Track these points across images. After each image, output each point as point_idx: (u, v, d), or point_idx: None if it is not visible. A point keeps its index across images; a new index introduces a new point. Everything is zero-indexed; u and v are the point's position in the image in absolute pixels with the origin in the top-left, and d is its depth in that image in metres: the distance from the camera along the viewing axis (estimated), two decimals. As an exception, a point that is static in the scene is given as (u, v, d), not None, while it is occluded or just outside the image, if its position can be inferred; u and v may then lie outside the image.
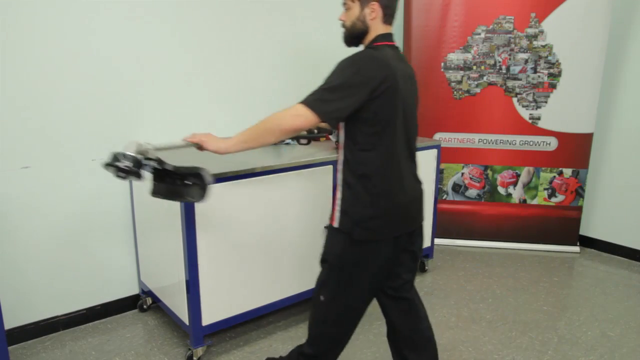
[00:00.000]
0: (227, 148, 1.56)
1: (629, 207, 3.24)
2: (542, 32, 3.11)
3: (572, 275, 3.03)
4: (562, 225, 3.36)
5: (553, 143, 3.25)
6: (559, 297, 2.73)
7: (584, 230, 3.48)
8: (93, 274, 2.36)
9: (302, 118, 1.42)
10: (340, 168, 1.61)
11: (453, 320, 2.45)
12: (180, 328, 2.32)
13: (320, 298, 1.71)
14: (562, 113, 3.19)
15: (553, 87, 3.17)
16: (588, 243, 3.47)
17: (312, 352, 1.82)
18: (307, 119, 1.43)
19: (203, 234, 1.96)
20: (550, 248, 3.39)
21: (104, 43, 2.23)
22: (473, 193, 3.42)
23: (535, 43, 3.13)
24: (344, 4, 1.64)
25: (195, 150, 1.66)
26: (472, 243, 3.46)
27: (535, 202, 3.36)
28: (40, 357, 2.12)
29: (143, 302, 2.50)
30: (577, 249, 3.38)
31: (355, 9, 1.60)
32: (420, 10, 3.21)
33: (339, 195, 1.61)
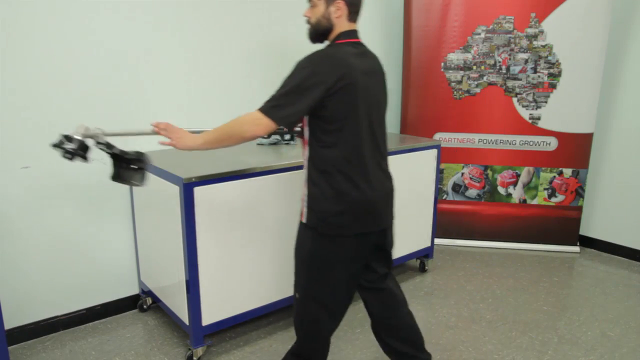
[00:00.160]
0: (192, 147, 1.64)
1: (629, 207, 3.24)
2: (542, 32, 3.11)
3: (572, 275, 3.03)
4: (562, 225, 3.36)
5: (553, 143, 3.25)
6: (559, 297, 2.73)
7: (584, 230, 3.48)
8: (93, 274, 2.36)
9: (260, 126, 1.49)
10: (306, 164, 1.64)
11: (453, 320, 2.45)
12: (180, 328, 2.32)
13: (296, 295, 1.75)
14: (562, 113, 3.19)
15: (553, 87, 3.17)
16: (588, 243, 3.47)
17: (298, 350, 1.86)
18: (265, 127, 1.49)
19: (203, 234, 1.96)
20: (550, 248, 3.39)
21: (104, 43, 2.23)
22: (473, 193, 3.42)
23: (535, 43, 3.13)
24: (309, 1, 1.65)
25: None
26: (472, 243, 3.46)
27: (535, 202, 3.36)
28: (40, 357, 2.12)
29: (143, 302, 2.50)
30: (577, 249, 3.38)
31: (321, 7, 1.61)
32: (420, 10, 3.21)
33: (305, 191, 1.64)
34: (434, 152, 2.83)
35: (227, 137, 1.57)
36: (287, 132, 2.53)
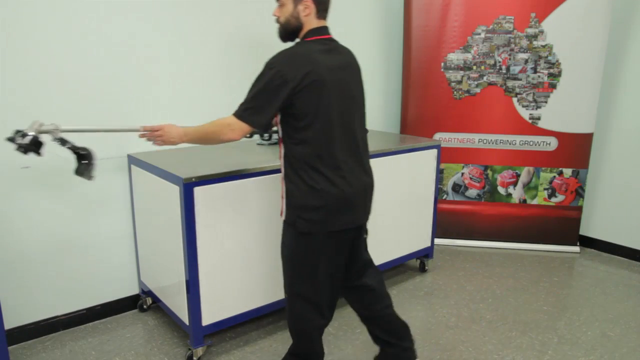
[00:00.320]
0: (176, 143, 1.75)
1: (629, 207, 3.24)
2: (542, 32, 3.11)
3: (572, 275, 3.03)
4: (562, 225, 3.36)
5: (553, 143, 3.25)
6: (559, 297, 2.73)
7: (584, 230, 3.48)
8: (93, 274, 2.36)
9: (235, 131, 1.57)
10: (282, 162, 1.67)
11: (453, 320, 2.45)
12: (180, 328, 2.32)
13: (285, 295, 1.78)
14: (562, 113, 3.19)
15: (553, 87, 3.17)
16: (588, 243, 3.47)
17: (295, 350, 1.89)
18: (239, 131, 1.57)
19: (203, 234, 1.96)
20: (550, 248, 3.39)
21: (104, 43, 2.23)
22: (473, 193, 3.42)
23: (535, 43, 3.13)
24: (277, 0, 1.68)
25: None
26: (472, 243, 3.46)
27: (535, 202, 3.36)
28: (40, 357, 2.12)
29: (143, 302, 2.50)
30: (577, 249, 3.38)
31: (289, 6, 1.64)
32: (420, 10, 3.21)
33: (284, 188, 1.67)
34: (434, 152, 2.83)
35: (206, 139, 1.67)
36: (262, 132, 2.53)
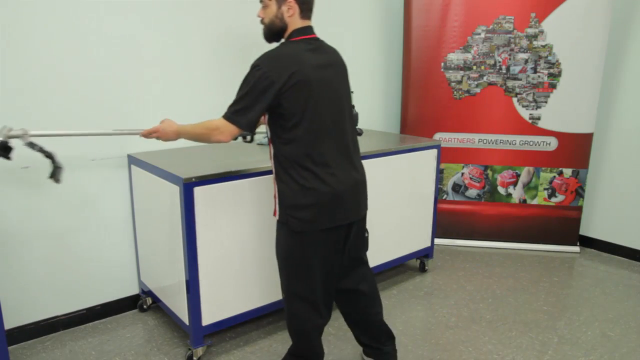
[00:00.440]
0: (173, 140, 1.83)
1: (629, 207, 3.24)
2: (542, 32, 3.11)
3: (572, 275, 3.03)
4: (562, 225, 3.36)
5: (553, 143, 3.25)
6: (559, 297, 2.73)
7: (584, 230, 3.48)
8: (93, 274, 2.36)
9: (224, 134, 1.60)
10: (272, 162, 1.69)
11: (453, 320, 2.45)
12: (180, 328, 2.32)
13: (283, 295, 1.80)
14: (562, 113, 3.19)
15: (553, 87, 3.17)
16: (588, 243, 3.47)
17: (295, 350, 1.90)
18: (228, 133, 1.60)
19: (203, 234, 1.96)
20: (550, 248, 3.38)
21: (103, 44, 2.23)
22: (473, 193, 3.42)
23: (535, 43, 3.13)
24: (261, 1, 1.69)
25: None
26: (472, 243, 3.46)
27: (535, 202, 3.36)
28: (40, 357, 2.12)
29: (143, 302, 2.50)
30: (577, 249, 3.38)
31: (273, 7, 1.65)
32: (420, 10, 3.21)
33: (275, 188, 1.69)
34: (434, 152, 2.83)
35: (197, 139, 1.72)
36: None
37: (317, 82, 1.58)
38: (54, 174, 1.81)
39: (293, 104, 1.56)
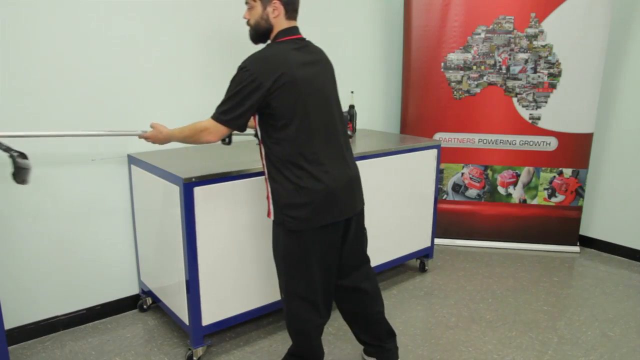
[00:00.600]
0: (165, 143, 1.88)
1: (629, 207, 3.24)
2: (542, 32, 3.11)
3: (572, 275, 3.03)
4: (562, 225, 3.36)
5: (553, 143, 3.25)
6: (559, 297, 2.73)
7: (584, 230, 3.48)
8: (93, 274, 2.36)
9: (212, 134, 1.62)
10: (263, 162, 1.70)
11: (453, 320, 2.45)
12: (180, 328, 2.32)
13: (282, 296, 1.80)
14: (562, 113, 3.19)
15: (553, 87, 3.17)
16: (588, 243, 3.47)
17: (294, 350, 1.91)
18: (217, 133, 1.62)
19: (203, 234, 1.96)
20: (550, 248, 3.39)
21: (103, 44, 2.23)
22: (473, 193, 3.42)
23: (535, 43, 3.13)
24: (247, 3, 1.70)
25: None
26: (472, 243, 3.46)
27: (535, 202, 3.36)
28: (40, 357, 2.12)
29: (143, 302, 2.50)
30: (577, 249, 3.38)
31: (258, 8, 1.66)
32: (420, 10, 3.21)
33: (268, 188, 1.70)
34: (434, 152, 2.83)
35: (187, 141, 1.74)
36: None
37: (304, 80, 1.60)
38: (17, 175, 1.68)
39: (282, 104, 1.57)
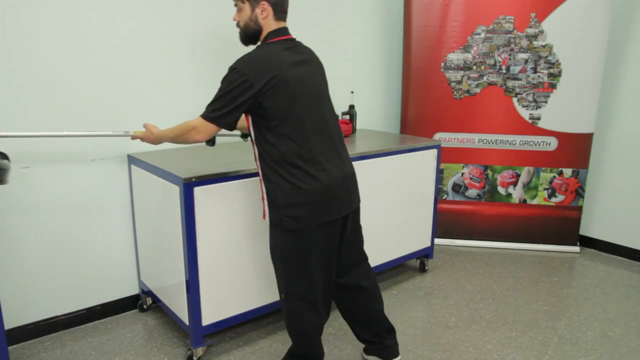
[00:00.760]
0: (155, 142, 1.89)
1: (629, 207, 3.24)
2: (542, 32, 3.11)
3: (572, 275, 3.03)
4: (562, 225, 3.36)
5: (553, 143, 3.25)
6: (559, 297, 2.73)
7: (584, 230, 3.48)
8: (93, 274, 2.36)
9: (201, 133, 1.63)
10: (258, 163, 1.70)
11: (453, 320, 2.45)
12: (180, 328, 2.32)
13: (281, 296, 1.80)
14: (562, 113, 3.19)
15: (553, 87, 3.17)
16: (588, 243, 3.47)
17: (294, 351, 1.91)
18: (205, 132, 1.63)
19: (203, 234, 1.96)
20: (550, 248, 3.39)
21: (103, 44, 2.23)
22: (473, 193, 3.42)
23: (535, 43, 3.13)
24: (236, 5, 1.71)
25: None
26: (472, 243, 3.46)
27: (535, 202, 3.36)
28: (40, 357, 2.12)
29: (143, 302, 2.50)
30: (577, 249, 3.38)
31: (247, 10, 1.67)
32: (420, 10, 3.21)
33: (263, 189, 1.70)
34: (434, 152, 2.83)
35: (176, 141, 1.74)
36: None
37: (295, 79, 1.60)
38: (5, 177, 1.65)
39: (275, 104, 1.57)
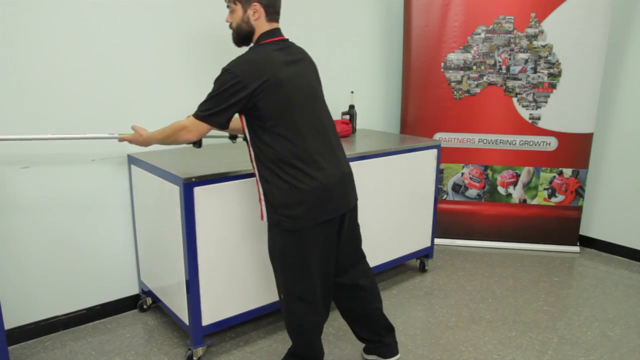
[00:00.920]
0: (143, 145, 1.90)
1: (629, 207, 3.24)
2: (542, 32, 3.11)
3: (572, 275, 3.03)
4: (562, 225, 3.36)
5: (553, 143, 3.25)
6: (559, 297, 2.73)
7: (584, 230, 3.48)
8: (93, 274, 2.36)
9: (192, 132, 1.64)
10: (254, 164, 1.69)
11: (453, 320, 2.45)
12: (180, 328, 2.32)
13: (280, 297, 1.80)
14: (562, 113, 3.19)
15: (553, 87, 3.17)
16: (588, 243, 3.47)
17: (294, 351, 1.91)
18: (196, 132, 1.63)
19: (203, 234, 1.96)
20: (550, 248, 3.39)
21: (102, 45, 2.23)
22: (473, 193, 3.42)
23: (535, 43, 3.13)
24: (228, 6, 1.71)
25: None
26: (472, 243, 3.46)
27: (535, 202, 3.36)
28: (40, 357, 2.12)
29: (143, 302, 2.50)
30: (577, 249, 3.38)
31: (239, 11, 1.67)
32: (420, 10, 3.21)
33: (260, 190, 1.69)
34: (434, 152, 2.83)
35: (167, 142, 1.75)
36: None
37: (289, 78, 1.60)
38: None
39: (269, 105, 1.57)
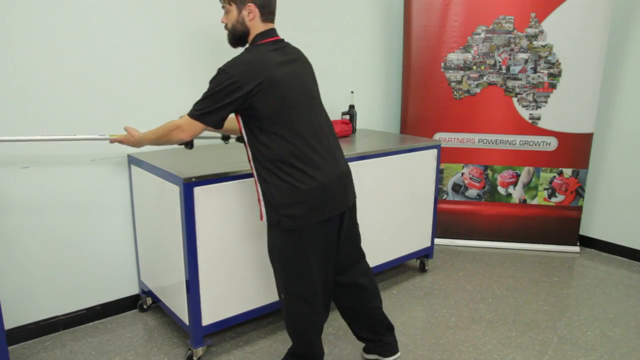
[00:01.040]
0: (136, 146, 1.89)
1: (629, 207, 3.24)
2: (542, 32, 3.11)
3: (572, 275, 3.03)
4: (562, 225, 3.36)
5: (553, 143, 3.25)
6: (559, 297, 2.73)
7: (584, 230, 3.48)
8: (93, 274, 2.36)
9: (186, 132, 1.64)
10: (252, 165, 1.69)
11: (453, 320, 2.45)
12: (180, 328, 2.32)
13: (281, 297, 1.80)
14: (562, 113, 3.19)
15: (553, 87, 3.17)
16: (588, 243, 3.47)
17: (294, 351, 1.92)
18: (190, 131, 1.63)
19: (203, 234, 1.96)
20: (550, 248, 3.39)
21: (102, 45, 2.22)
22: (473, 193, 3.42)
23: (535, 43, 3.13)
24: (223, 7, 1.71)
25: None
26: (472, 243, 3.46)
27: (535, 202, 3.36)
28: (40, 357, 2.12)
29: (143, 302, 2.50)
30: (577, 249, 3.38)
31: (234, 12, 1.67)
32: (420, 10, 3.21)
33: (259, 190, 1.69)
34: (434, 152, 2.83)
35: (160, 142, 1.74)
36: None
37: (284, 79, 1.60)
38: None
39: (266, 105, 1.57)
